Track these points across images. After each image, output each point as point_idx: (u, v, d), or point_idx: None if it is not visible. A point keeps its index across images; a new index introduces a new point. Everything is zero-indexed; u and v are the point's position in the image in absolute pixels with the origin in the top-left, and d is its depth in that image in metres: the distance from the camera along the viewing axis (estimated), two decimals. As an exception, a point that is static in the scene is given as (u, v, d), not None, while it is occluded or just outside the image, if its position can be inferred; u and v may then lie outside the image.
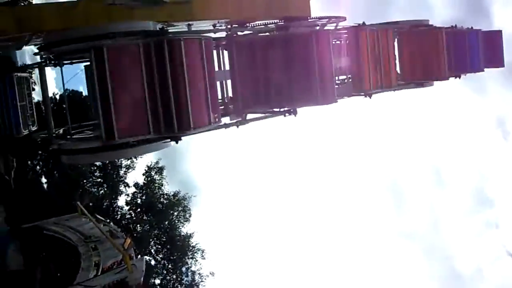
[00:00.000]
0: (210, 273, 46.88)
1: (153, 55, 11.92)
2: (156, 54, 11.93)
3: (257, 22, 16.15)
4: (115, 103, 11.26)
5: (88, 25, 13.25)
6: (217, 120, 13.30)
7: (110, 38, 11.75)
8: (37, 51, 14.37)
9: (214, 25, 16.35)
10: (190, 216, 46.46)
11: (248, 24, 16.04)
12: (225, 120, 15.17)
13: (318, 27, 15.77)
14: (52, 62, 13.86)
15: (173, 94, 11.70)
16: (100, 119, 11.41)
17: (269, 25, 16.09)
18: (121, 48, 11.41)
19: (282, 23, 16.14)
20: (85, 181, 43.76)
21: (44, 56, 13.12)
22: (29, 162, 41.33)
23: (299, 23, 15.45)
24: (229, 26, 15.86)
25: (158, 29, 12.81)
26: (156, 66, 11.86)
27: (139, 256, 21.97)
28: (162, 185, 46.07)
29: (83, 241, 18.56)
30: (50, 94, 13.00)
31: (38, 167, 44.97)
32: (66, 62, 14.78)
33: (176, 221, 46.01)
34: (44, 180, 45.29)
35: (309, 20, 16.27)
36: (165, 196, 45.96)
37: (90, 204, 39.61)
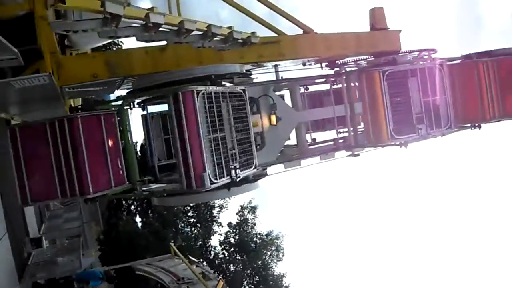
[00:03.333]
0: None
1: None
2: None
3: (347, 59, 15.77)
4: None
5: (177, 69, 13.26)
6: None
7: (195, 82, 11.78)
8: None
9: (303, 63, 16.17)
10: (283, 255, 45.98)
11: (337, 61, 15.71)
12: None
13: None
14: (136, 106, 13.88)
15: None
16: (180, 167, 11.23)
17: (359, 62, 15.74)
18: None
19: (373, 59, 15.78)
20: (178, 221, 43.99)
21: (129, 100, 13.16)
22: (123, 202, 42.06)
23: (400, 57, 15.03)
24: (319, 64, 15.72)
25: (244, 71, 12.75)
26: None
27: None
28: (255, 225, 45.80)
29: (176, 283, 18.32)
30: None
31: (132, 207, 45.74)
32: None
33: (269, 261, 45.51)
34: (138, 219, 46.00)
35: (400, 53, 15.75)
36: (258, 236, 45.62)
37: (183, 244, 39.73)
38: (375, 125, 14.08)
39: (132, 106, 12.92)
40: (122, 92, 15.33)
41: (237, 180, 11.53)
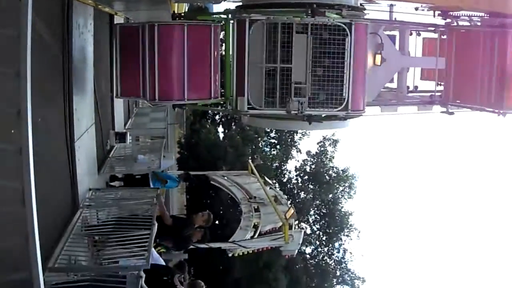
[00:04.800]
0: (361, 255, 46.53)
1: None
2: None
3: (462, 13, 15.04)
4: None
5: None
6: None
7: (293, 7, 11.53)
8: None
9: (416, 8, 15.54)
10: (354, 194, 46.00)
11: (451, 13, 14.99)
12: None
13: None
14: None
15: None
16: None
17: (473, 18, 14.98)
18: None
19: (488, 17, 14.99)
20: (259, 139, 44.35)
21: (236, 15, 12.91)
22: (209, 111, 42.54)
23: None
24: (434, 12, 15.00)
25: (358, 4, 12.33)
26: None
27: (298, 228, 21.69)
28: (333, 158, 45.70)
29: (247, 200, 18.55)
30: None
31: (217, 116, 46.27)
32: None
33: (340, 196, 45.60)
34: (221, 129, 46.58)
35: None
36: (334, 170, 45.57)
37: (261, 162, 40.11)
38: (499, 88, 12.99)
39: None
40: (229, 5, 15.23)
41: (301, 114, 11.34)
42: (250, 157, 33.80)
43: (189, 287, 10.03)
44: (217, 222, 33.43)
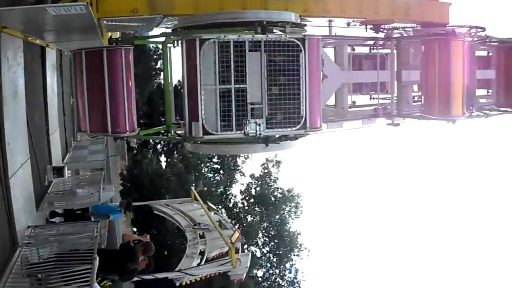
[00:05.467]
0: (313, 274, 46.71)
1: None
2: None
3: (394, 25, 15.33)
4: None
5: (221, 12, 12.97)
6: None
7: (241, 26, 11.37)
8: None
9: (348, 24, 15.77)
10: (301, 213, 46.25)
11: (383, 26, 15.24)
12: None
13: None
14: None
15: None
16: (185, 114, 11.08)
17: (406, 29, 15.26)
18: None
19: (420, 27, 15.35)
20: (202, 165, 44.19)
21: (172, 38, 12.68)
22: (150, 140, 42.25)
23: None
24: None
25: (298, 21, 12.26)
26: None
27: (246, 251, 21.58)
28: (277, 179, 45.96)
29: (192, 227, 18.39)
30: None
31: (159, 146, 45.99)
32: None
33: (287, 217, 45.85)
34: (163, 159, 46.31)
35: (448, 27, 15.29)
36: (279, 190, 45.76)
37: (205, 189, 39.97)
38: (445, 96, 12.93)
39: (175, 45, 12.30)
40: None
41: (259, 136, 11.14)
42: (193, 184, 33.68)
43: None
44: (165, 252, 33.21)
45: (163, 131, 12.43)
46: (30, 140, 12.71)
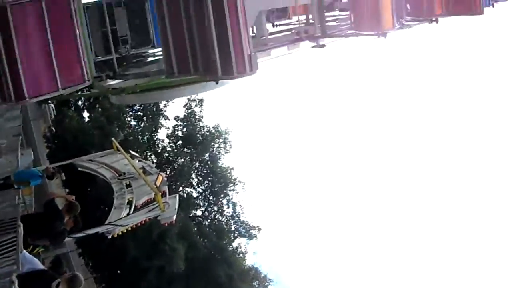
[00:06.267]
0: (251, 205, 47.45)
1: None
2: None
3: None
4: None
5: None
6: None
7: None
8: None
9: None
10: (230, 148, 46.75)
11: None
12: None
13: None
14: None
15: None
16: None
17: None
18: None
19: None
20: (124, 115, 43.79)
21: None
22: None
23: None
24: None
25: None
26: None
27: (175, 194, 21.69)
28: (202, 118, 45.95)
29: (117, 178, 18.35)
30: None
31: (80, 102, 45.21)
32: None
33: (217, 153, 46.24)
34: (86, 114, 45.62)
35: None
36: (206, 129, 45.89)
37: (130, 138, 39.78)
38: (374, 10, 12.74)
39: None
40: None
41: None
42: (117, 135, 33.52)
43: (67, 285, 9.73)
44: (102, 207, 33.01)
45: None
46: None
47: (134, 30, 16.19)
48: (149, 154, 42.82)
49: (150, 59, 17.55)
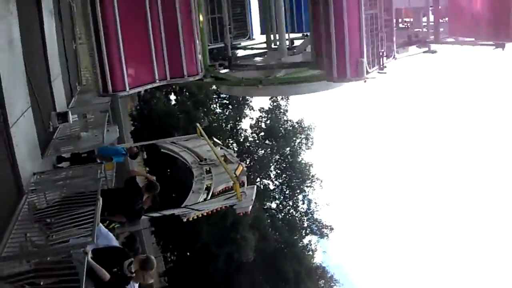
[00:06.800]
0: (326, 204, 46.99)
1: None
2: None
3: None
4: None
5: None
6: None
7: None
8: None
9: None
10: (312, 144, 46.40)
11: None
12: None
13: None
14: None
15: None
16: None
17: None
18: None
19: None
20: (210, 102, 44.33)
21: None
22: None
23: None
24: None
25: None
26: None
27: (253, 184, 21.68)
28: (287, 112, 45.85)
29: (198, 163, 18.55)
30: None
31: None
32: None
33: (298, 148, 46.03)
34: (173, 97, 46.26)
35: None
36: (289, 123, 45.80)
37: (214, 124, 40.09)
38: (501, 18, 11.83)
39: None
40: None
41: None
42: (202, 121, 33.85)
43: (140, 266, 9.89)
44: (180, 190, 33.39)
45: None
46: (30, 89, 12.88)
47: (234, 20, 16.27)
48: (231, 142, 43.07)
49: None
